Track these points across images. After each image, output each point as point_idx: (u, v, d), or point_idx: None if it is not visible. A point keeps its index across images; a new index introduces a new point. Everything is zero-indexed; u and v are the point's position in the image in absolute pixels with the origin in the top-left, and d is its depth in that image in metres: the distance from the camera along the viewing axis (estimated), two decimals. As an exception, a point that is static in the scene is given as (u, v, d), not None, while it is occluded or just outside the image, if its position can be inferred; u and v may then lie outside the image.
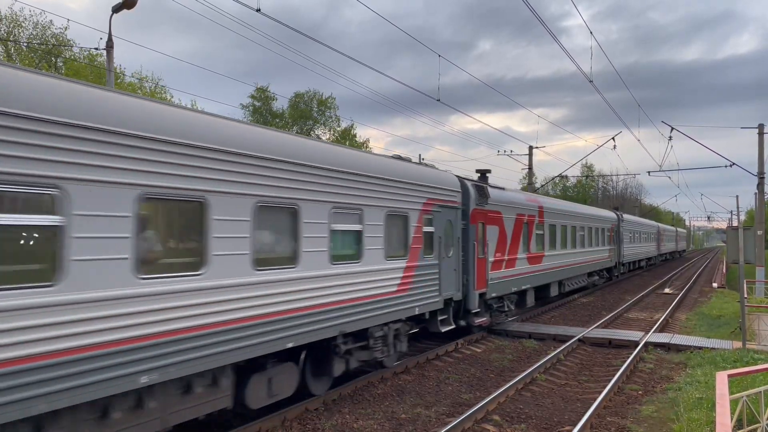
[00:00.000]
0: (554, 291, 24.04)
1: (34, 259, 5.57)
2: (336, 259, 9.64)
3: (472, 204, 15.51)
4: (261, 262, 8.10)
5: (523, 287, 19.63)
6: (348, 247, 10.10)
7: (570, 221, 25.50)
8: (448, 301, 14.06)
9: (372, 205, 10.60)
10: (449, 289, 13.94)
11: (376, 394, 11.29)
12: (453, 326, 14.48)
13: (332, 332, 9.53)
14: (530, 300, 21.15)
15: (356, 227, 10.20)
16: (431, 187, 13.08)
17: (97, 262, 5.93)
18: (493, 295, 16.96)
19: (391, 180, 11.29)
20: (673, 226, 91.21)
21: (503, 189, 19.23)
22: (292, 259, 8.75)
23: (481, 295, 16.12)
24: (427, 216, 12.73)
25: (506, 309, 18.50)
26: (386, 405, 10.64)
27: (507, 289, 18.03)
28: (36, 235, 5.57)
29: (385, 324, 11.31)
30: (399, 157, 13.06)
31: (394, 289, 11.31)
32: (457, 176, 15.36)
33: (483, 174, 18.59)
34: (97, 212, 5.98)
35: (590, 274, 29.94)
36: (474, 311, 15.63)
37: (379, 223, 10.78)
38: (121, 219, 6.21)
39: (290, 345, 8.58)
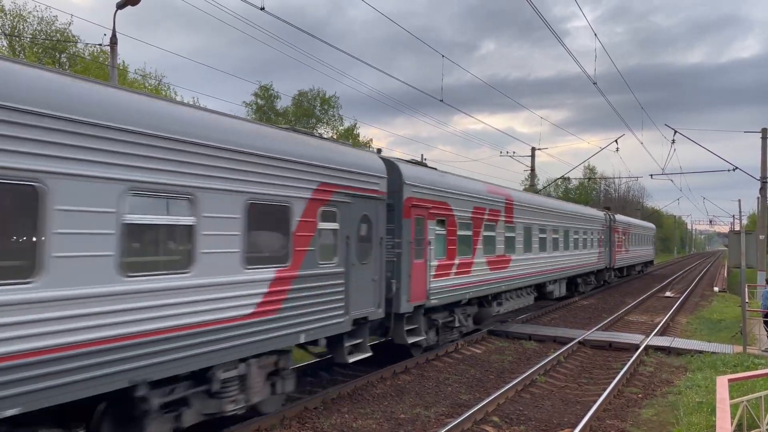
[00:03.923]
0: (528, 300, 20.93)
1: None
2: (133, 268, 6.61)
3: (405, 192, 12.36)
4: None
5: (482, 295, 16.50)
6: (163, 250, 7.24)
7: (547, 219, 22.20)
8: (361, 321, 10.96)
9: (217, 189, 7.65)
10: (364, 305, 10.85)
11: (376, 393, 11.28)
12: (367, 354, 11.15)
13: (121, 382, 6.48)
14: (508, 306, 18.76)
15: (184, 220, 7.24)
16: (331, 168, 9.91)
17: None
18: (435, 304, 13.68)
19: (255, 154, 8.27)
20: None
21: (456, 175, 16.10)
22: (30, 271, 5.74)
23: (419, 309, 13.17)
24: (325, 208, 9.78)
25: (459, 324, 15.32)
26: (385, 405, 10.64)
27: (455, 299, 14.70)
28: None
29: (244, 360, 8.31)
30: (291, 128, 10.04)
31: (255, 309, 8.20)
32: (383, 157, 12.45)
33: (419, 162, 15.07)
34: None
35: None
36: (408, 328, 12.87)
37: (232, 216, 7.88)
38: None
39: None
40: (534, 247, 20.39)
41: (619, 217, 36.23)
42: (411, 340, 12.92)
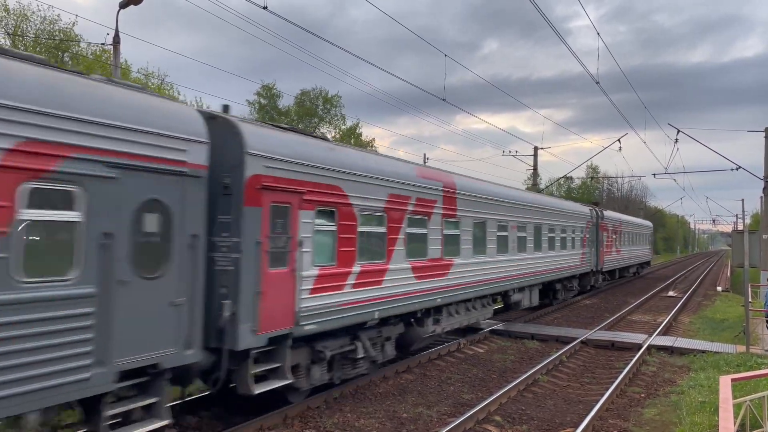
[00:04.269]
0: (484, 314, 16.81)
1: None
2: None
3: (250, 168, 8.38)
4: None
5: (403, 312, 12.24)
6: None
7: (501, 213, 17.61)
8: (152, 371, 7.17)
9: None
10: (150, 345, 7.03)
11: (378, 392, 11.29)
12: (160, 424, 7.19)
13: None
14: (427, 329, 13.49)
15: None
16: (54, 116, 5.99)
17: None
18: (312, 330, 9.49)
19: None
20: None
21: (360, 150, 12.56)
22: None
23: (283, 339, 9.01)
24: (42, 184, 5.91)
25: (364, 353, 11.17)
26: (388, 404, 10.64)
27: (354, 320, 10.60)
28: None
29: None
30: None
31: None
32: (207, 112, 8.73)
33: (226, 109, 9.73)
34: None
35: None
36: (263, 370, 8.83)
37: None
38: None
39: None
40: (490, 248, 16.35)
41: (608, 213, 33.65)
42: (260, 389, 8.61)
